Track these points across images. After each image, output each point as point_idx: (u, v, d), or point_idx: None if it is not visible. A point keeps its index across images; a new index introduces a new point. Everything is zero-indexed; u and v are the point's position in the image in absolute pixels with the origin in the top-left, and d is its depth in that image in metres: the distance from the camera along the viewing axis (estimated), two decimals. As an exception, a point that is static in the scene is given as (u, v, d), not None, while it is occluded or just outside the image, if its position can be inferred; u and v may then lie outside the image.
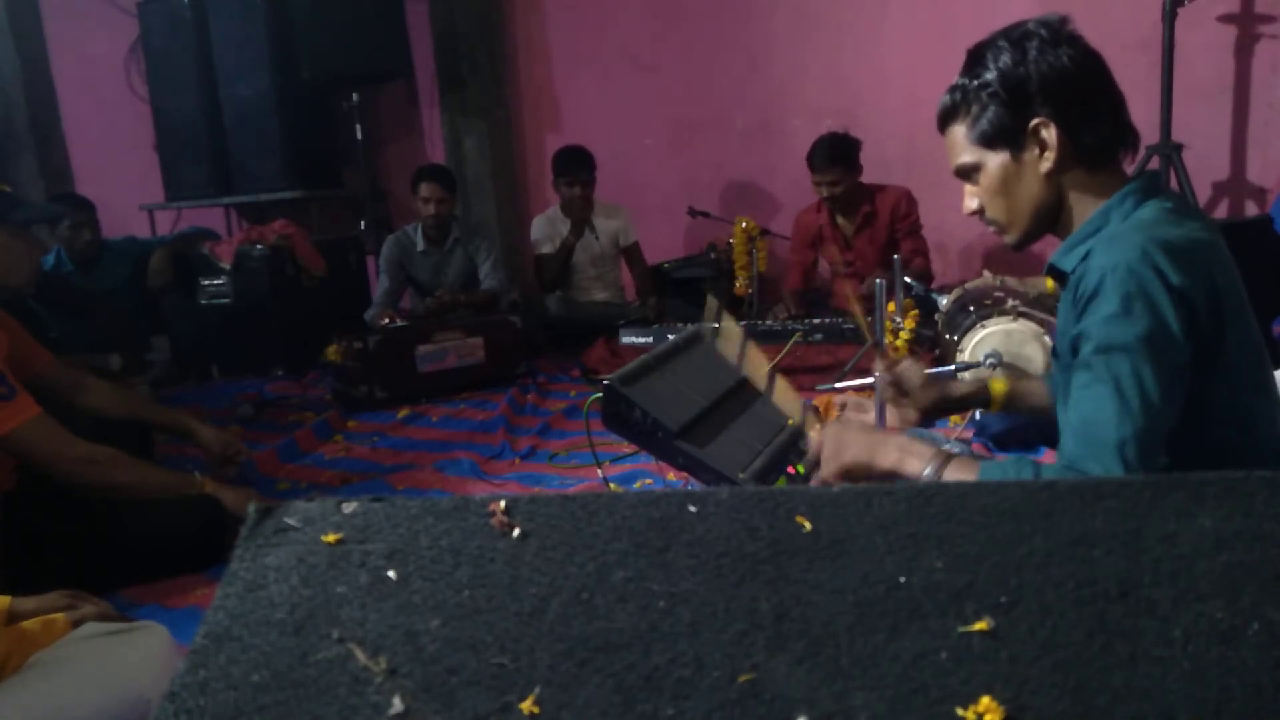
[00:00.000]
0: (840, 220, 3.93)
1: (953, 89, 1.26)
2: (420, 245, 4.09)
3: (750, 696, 0.58)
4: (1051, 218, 1.25)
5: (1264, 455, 1.17)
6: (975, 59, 1.23)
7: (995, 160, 1.23)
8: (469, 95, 4.91)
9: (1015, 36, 1.20)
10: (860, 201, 3.84)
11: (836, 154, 3.70)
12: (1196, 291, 1.09)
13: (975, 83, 1.22)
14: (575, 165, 4.16)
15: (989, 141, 1.23)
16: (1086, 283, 1.13)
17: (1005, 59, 1.19)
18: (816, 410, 1.87)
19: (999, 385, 1.57)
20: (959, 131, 1.25)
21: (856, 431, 1.33)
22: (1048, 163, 1.20)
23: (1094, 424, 1.09)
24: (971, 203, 1.29)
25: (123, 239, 4.25)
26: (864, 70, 4.36)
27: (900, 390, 1.57)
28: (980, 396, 1.58)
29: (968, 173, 1.27)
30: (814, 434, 1.43)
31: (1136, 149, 1.26)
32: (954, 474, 1.20)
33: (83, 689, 1.14)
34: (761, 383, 1.66)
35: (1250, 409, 1.18)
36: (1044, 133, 1.19)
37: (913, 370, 1.58)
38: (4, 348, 1.89)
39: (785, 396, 1.66)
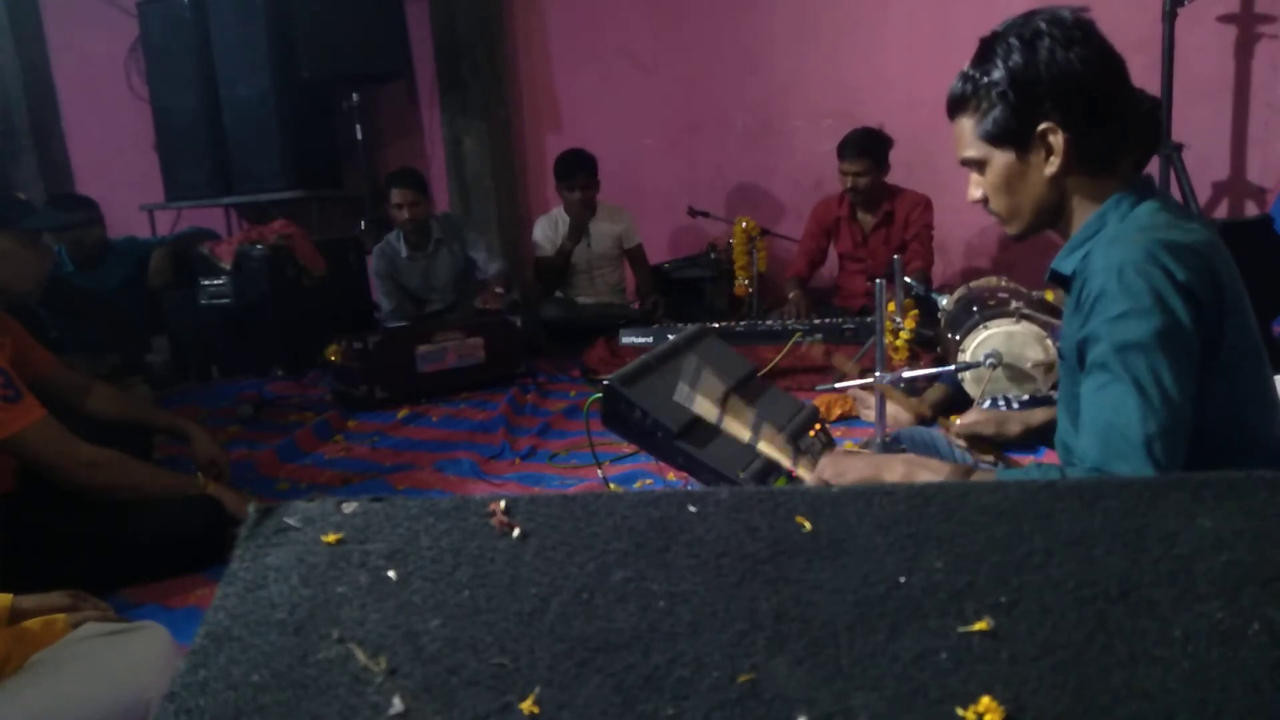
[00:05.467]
0: (860, 215, 3.94)
1: (963, 79, 1.24)
2: (404, 252, 4.08)
3: (750, 696, 0.58)
4: (1053, 215, 1.25)
5: (1261, 456, 1.17)
6: (986, 52, 1.21)
7: (1001, 158, 1.23)
8: (469, 95, 4.91)
9: (1028, 35, 1.17)
10: (882, 199, 3.86)
11: (866, 146, 3.74)
12: (1201, 288, 1.09)
13: (985, 79, 1.20)
14: (575, 169, 4.16)
15: (995, 140, 1.22)
16: (1091, 285, 1.13)
17: (1016, 58, 1.17)
18: (819, 417, 1.86)
19: None
20: (967, 124, 1.24)
21: (858, 455, 1.34)
22: (1053, 166, 1.20)
23: (1117, 424, 1.08)
24: (976, 192, 1.29)
25: (123, 239, 4.25)
26: (864, 70, 4.36)
27: (978, 441, 1.56)
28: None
29: (973, 164, 1.27)
30: (807, 476, 1.42)
31: (1154, 148, 1.24)
32: None
33: (83, 689, 1.14)
34: (746, 438, 1.62)
35: (1247, 409, 1.18)
36: (1051, 137, 1.18)
37: (983, 419, 1.56)
38: (8, 350, 1.89)
39: (773, 450, 1.62)
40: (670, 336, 1.79)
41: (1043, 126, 1.18)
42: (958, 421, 1.57)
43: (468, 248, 4.14)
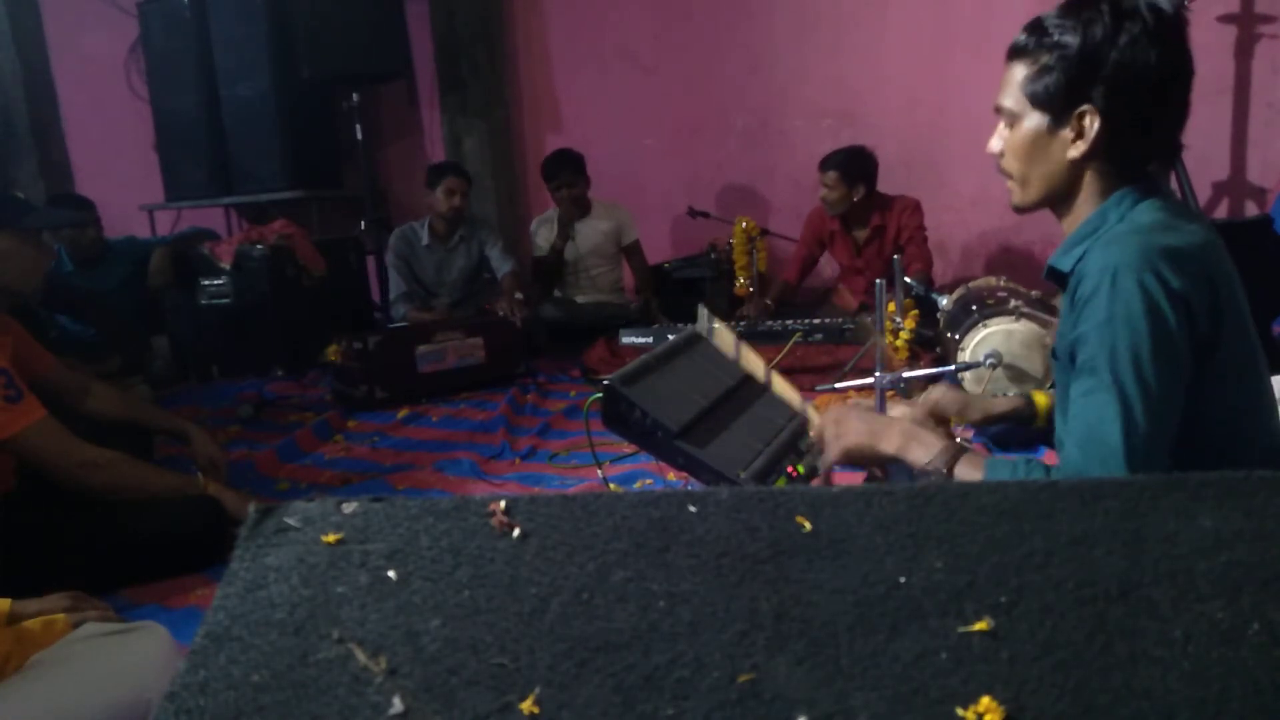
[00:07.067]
0: (853, 230, 3.93)
1: (1034, 26, 1.18)
2: (425, 240, 4.10)
3: (750, 696, 0.58)
4: (1060, 198, 1.22)
5: (1261, 456, 1.17)
6: (1074, 8, 1.14)
7: (1033, 120, 1.19)
8: (469, 95, 4.91)
9: (1124, 8, 1.11)
10: (871, 213, 3.84)
11: (836, 162, 3.74)
12: (1196, 296, 1.08)
13: (1057, 37, 1.14)
14: (557, 169, 4.18)
15: (1036, 100, 1.18)
16: (1085, 286, 1.12)
17: (1097, 30, 1.12)
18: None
19: (1042, 399, 1.54)
20: (1018, 73, 1.20)
21: (859, 415, 1.32)
22: (1077, 150, 1.17)
23: (1098, 431, 1.08)
24: (995, 144, 1.25)
25: (123, 239, 4.26)
26: (864, 70, 4.36)
27: (939, 419, 1.53)
28: (1026, 411, 1.55)
29: (1005, 115, 1.23)
30: (816, 422, 1.42)
31: (1172, 162, 1.22)
32: (963, 470, 1.18)
33: (83, 689, 1.14)
34: (761, 376, 1.67)
35: (1246, 411, 1.18)
36: (1086, 120, 1.15)
37: (948, 399, 1.54)
38: (8, 350, 1.89)
39: (785, 390, 1.67)
40: (670, 336, 1.79)
41: (1084, 108, 1.14)
42: (925, 393, 1.57)
43: (485, 245, 4.16)
